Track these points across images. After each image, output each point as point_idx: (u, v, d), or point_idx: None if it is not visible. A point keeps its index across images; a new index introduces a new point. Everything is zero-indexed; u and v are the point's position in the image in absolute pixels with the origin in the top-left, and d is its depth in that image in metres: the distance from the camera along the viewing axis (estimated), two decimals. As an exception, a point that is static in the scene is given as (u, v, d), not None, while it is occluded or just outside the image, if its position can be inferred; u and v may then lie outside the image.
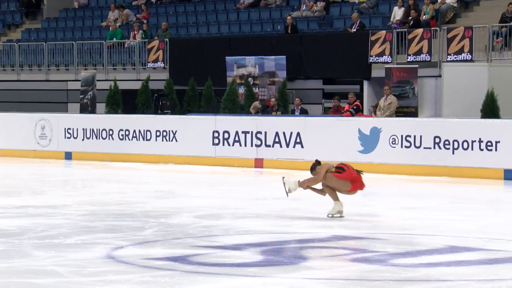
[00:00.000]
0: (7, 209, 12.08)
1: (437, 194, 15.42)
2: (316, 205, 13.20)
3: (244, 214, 11.86)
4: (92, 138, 21.86)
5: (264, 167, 19.40)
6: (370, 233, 10.28)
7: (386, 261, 8.42)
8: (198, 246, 9.32)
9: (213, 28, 27.46)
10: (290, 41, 24.35)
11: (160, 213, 11.78)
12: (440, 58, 21.89)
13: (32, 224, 10.53)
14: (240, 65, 24.31)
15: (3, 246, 9.04)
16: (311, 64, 23.69)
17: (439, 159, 17.54)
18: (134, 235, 9.89)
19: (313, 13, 26.02)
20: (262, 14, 27.37)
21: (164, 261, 8.30)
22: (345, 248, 9.29)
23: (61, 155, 22.11)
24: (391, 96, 20.74)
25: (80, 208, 12.26)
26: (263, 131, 19.50)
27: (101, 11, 31.41)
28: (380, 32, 22.62)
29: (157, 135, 20.93)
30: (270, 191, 15.74)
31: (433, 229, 10.81)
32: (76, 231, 10.07)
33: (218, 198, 14.25)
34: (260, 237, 9.89)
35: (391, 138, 18.01)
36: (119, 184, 16.59)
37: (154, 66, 26.33)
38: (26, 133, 22.66)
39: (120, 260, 8.37)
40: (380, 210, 12.82)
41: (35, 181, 17.29)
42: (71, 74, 28.28)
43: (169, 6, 30.07)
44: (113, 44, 27.69)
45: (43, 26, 31.76)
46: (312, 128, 18.98)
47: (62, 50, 28.61)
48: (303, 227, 10.78)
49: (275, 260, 8.46)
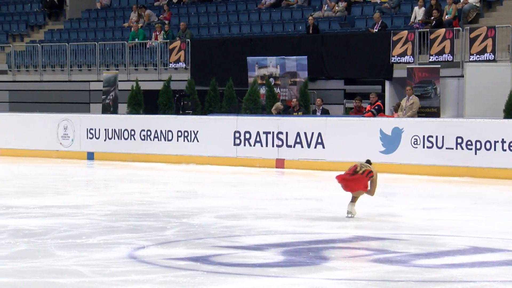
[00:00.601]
0: (30, 209, 12.15)
1: (459, 195, 15.35)
2: (337, 205, 13.17)
3: (265, 215, 11.85)
4: (114, 139, 21.94)
5: (285, 168, 19.39)
6: (392, 233, 10.26)
7: (408, 261, 8.40)
8: (220, 246, 9.34)
9: (235, 29, 27.47)
10: (312, 41, 24.32)
11: (182, 213, 11.81)
12: (463, 58, 21.78)
13: (55, 224, 10.58)
14: (261, 66, 24.30)
15: (26, 246, 9.09)
16: (333, 64, 23.64)
17: (461, 160, 17.46)
18: (156, 235, 9.92)
19: (335, 13, 25.98)
20: (283, 14, 27.35)
21: (186, 261, 8.30)
22: (367, 248, 9.27)
23: (83, 155, 22.21)
24: (413, 96, 20.67)
25: (102, 208, 12.31)
26: (284, 132, 19.49)
27: (123, 12, 31.52)
28: (402, 32, 22.54)
29: (179, 136, 20.97)
30: (292, 191, 15.76)
31: (455, 229, 10.77)
32: (98, 231, 10.12)
33: (240, 198, 14.26)
34: (281, 238, 9.88)
35: (413, 139, 17.95)
36: (141, 184, 16.64)
37: (175, 66, 26.39)
38: (49, 134, 22.78)
39: (142, 260, 8.40)
40: (402, 211, 12.77)
41: (58, 181, 17.38)
42: (93, 74, 28.40)
43: (190, 6, 30.12)
44: (135, 44, 27.78)
45: (66, 27, 31.92)
46: (334, 128, 18.95)
47: (85, 51, 28.74)
48: (325, 227, 10.77)
49: (297, 261, 8.45)
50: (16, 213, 11.70)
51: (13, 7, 35.06)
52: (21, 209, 12.12)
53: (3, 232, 9.92)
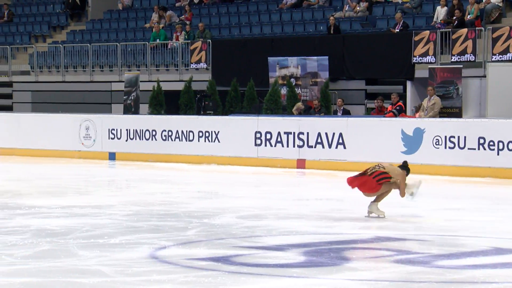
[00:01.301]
0: (52, 209, 12.20)
1: (481, 195, 15.26)
2: (359, 206, 13.15)
3: (286, 215, 11.84)
4: (135, 139, 22.02)
5: (306, 168, 19.38)
6: (414, 234, 10.21)
7: (430, 262, 8.36)
8: (241, 246, 9.34)
9: (256, 29, 27.48)
10: (333, 41, 24.28)
11: (203, 213, 11.83)
12: (485, 58, 21.67)
13: (77, 224, 10.62)
14: (282, 66, 24.29)
15: (49, 245, 9.13)
16: (354, 64, 23.60)
17: (484, 160, 17.37)
18: (178, 235, 9.94)
19: (356, 14, 25.93)
20: (304, 14, 27.33)
21: (207, 262, 8.31)
22: (388, 249, 9.22)
23: (105, 156, 22.30)
24: (434, 96, 20.59)
25: (124, 208, 12.35)
26: (305, 132, 19.47)
27: (145, 13, 31.62)
28: (424, 32, 22.46)
29: (200, 136, 21.02)
30: (313, 191, 15.74)
31: (478, 230, 10.72)
32: (120, 231, 10.14)
33: (261, 199, 14.26)
34: (303, 238, 9.87)
35: (434, 139, 17.88)
36: (163, 185, 16.67)
37: (196, 67, 26.44)
38: (71, 134, 22.90)
39: (164, 260, 8.41)
40: (424, 211, 12.70)
41: (80, 182, 17.46)
42: (115, 75, 28.51)
43: (211, 7, 30.16)
44: (156, 45, 27.86)
45: (88, 28, 32.07)
46: (355, 128, 18.91)
47: (106, 52, 28.87)
48: (346, 228, 10.75)
49: (318, 261, 8.43)
50: (38, 213, 11.75)
51: (36, 8, 35.28)
52: (44, 209, 12.18)
53: (26, 232, 9.98)
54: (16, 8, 35.76)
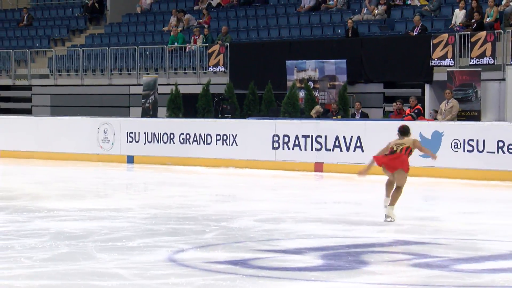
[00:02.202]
0: (71, 212, 12.26)
1: (501, 199, 15.19)
2: (377, 209, 13.11)
3: (305, 218, 11.84)
4: (153, 142, 22.06)
5: (324, 171, 19.34)
6: (432, 238, 10.18)
7: (449, 266, 8.34)
8: (259, 250, 9.34)
9: (274, 32, 27.48)
10: (351, 44, 24.23)
11: (221, 216, 11.84)
12: (504, 61, 21.56)
13: (96, 227, 10.66)
14: (300, 69, 24.28)
15: (68, 248, 9.17)
16: (372, 67, 23.54)
17: (503, 164, 17.28)
18: (196, 238, 9.95)
19: (374, 17, 25.87)
20: (322, 17, 27.30)
21: (225, 265, 8.34)
22: (406, 253, 9.21)
23: (123, 159, 22.36)
24: (452, 99, 20.51)
25: (142, 211, 12.39)
26: (323, 135, 19.45)
27: (163, 16, 31.69)
28: (443, 35, 22.38)
29: (218, 139, 21.03)
30: (331, 195, 15.72)
31: (497, 234, 10.66)
32: (139, 234, 10.17)
33: (279, 202, 14.25)
34: (321, 241, 9.87)
35: (453, 142, 17.80)
36: (181, 188, 16.70)
37: (214, 70, 26.47)
38: (89, 137, 22.99)
39: (182, 263, 8.43)
40: (442, 215, 12.68)
41: (98, 185, 17.52)
42: (133, 78, 28.60)
43: (229, 10, 30.20)
44: (175, 48, 27.92)
45: (106, 31, 32.18)
46: (373, 132, 18.87)
47: (125, 55, 28.96)
48: (364, 231, 10.73)
49: (336, 265, 8.43)
50: (57, 216, 11.80)
51: (55, 12, 35.45)
52: (63, 212, 12.23)
53: (45, 235, 10.03)
54: (36, 12, 35.95)
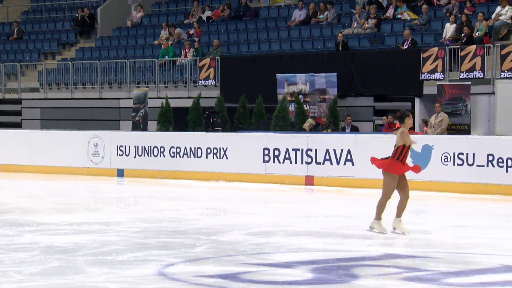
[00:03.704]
0: (61, 226, 12.22)
1: (490, 213, 15.21)
2: (367, 223, 13.11)
3: (295, 232, 11.82)
4: (144, 156, 22.03)
5: (314, 185, 19.34)
6: (423, 251, 10.18)
7: (439, 280, 8.33)
8: (249, 263, 9.33)
9: (264, 46, 27.55)
10: (341, 58, 24.31)
11: (212, 230, 11.81)
12: (494, 75, 21.65)
13: (86, 241, 10.63)
14: (290, 83, 24.32)
15: (57, 262, 9.14)
16: (362, 81, 23.61)
17: (492, 177, 17.32)
18: (186, 252, 9.94)
19: (364, 30, 25.97)
20: (313, 31, 27.39)
21: (215, 279, 8.32)
22: (397, 266, 9.21)
23: (113, 172, 22.31)
24: (442, 113, 20.58)
25: (133, 225, 12.36)
26: (313, 149, 19.46)
27: (154, 30, 31.73)
28: (432, 49, 22.47)
29: (208, 153, 21.02)
30: (321, 208, 15.71)
31: (487, 248, 10.67)
32: (129, 248, 10.15)
33: (270, 216, 14.24)
34: (311, 255, 9.87)
35: (443, 156, 17.84)
36: (171, 201, 16.67)
37: (205, 83, 26.50)
38: (79, 151, 22.93)
39: (172, 277, 8.41)
40: (432, 228, 12.68)
41: (88, 198, 17.47)
42: (123, 92, 28.59)
43: (220, 24, 30.26)
44: (165, 62, 27.94)
45: (97, 45, 32.19)
46: (363, 145, 18.89)
47: (115, 68, 28.97)
48: (355, 245, 10.73)
49: (327, 278, 8.42)
50: (47, 230, 11.77)
51: (45, 25, 35.45)
52: (52, 225, 12.19)
53: (35, 249, 10.00)
54: (26, 25, 35.94)
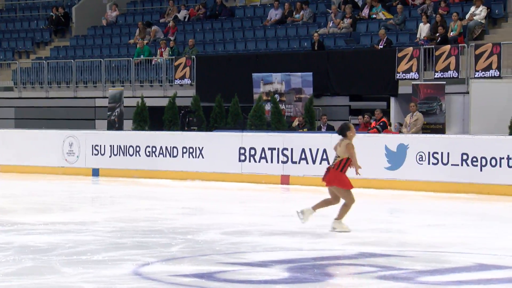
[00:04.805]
0: (36, 225, 12.14)
1: (465, 212, 15.31)
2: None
3: (271, 231, 11.83)
4: (119, 155, 21.95)
5: (290, 184, 19.37)
6: (398, 250, 10.22)
7: (414, 278, 8.37)
8: (225, 262, 9.33)
9: (240, 45, 27.54)
10: (317, 57, 24.35)
11: (188, 229, 11.80)
12: (468, 75, 21.79)
13: (60, 241, 10.57)
14: (266, 82, 24.34)
15: (32, 262, 9.09)
16: (338, 80, 23.66)
17: (467, 176, 17.43)
18: (162, 251, 9.91)
19: (340, 30, 26.03)
20: (288, 31, 27.42)
21: (191, 278, 8.30)
22: (372, 265, 9.23)
23: (89, 172, 22.21)
24: (417, 112, 20.67)
25: (108, 224, 12.32)
26: (289, 148, 19.48)
27: (129, 29, 31.62)
28: (407, 48, 22.57)
29: (184, 152, 20.98)
30: (297, 207, 15.71)
31: (462, 246, 10.73)
32: (104, 248, 10.11)
33: (246, 215, 14.24)
34: (287, 254, 9.88)
35: (418, 155, 17.92)
36: (147, 201, 16.62)
37: (181, 83, 26.45)
38: (54, 150, 22.80)
39: (148, 277, 8.39)
40: (407, 227, 12.73)
41: (63, 198, 17.37)
42: (99, 91, 28.47)
43: (196, 23, 30.21)
44: (141, 61, 27.85)
45: (72, 44, 32.03)
46: (339, 144, 18.89)
47: (90, 68, 28.84)
48: (330, 244, 10.76)
49: (302, 277, 8.42)
50: (22, 230, 11.69)
51: (19, 24, 35.21)
52: (27, 225, 12.12)
53: (9, 249, 9.93)
54: (0, 24, 35.68)
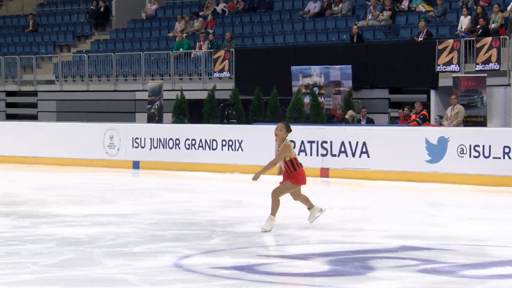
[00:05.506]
0: (77, 217, 12.23)
1: (507, 205, 15.13)
2: (383, 215, 13.08)
3: (311, 224, 11.77)
4: (159, 148, 22.03)
5: (330, 177, 19.29)
6: (439, 243, 10.12)
7: (456, 272, 8.31)
8: (265, 255, 9.32)
9: (279, 38, 27.48)
10: (356, 50, 24.22)
11: (227, 222, 11.81)
12: (510, 67, 21.53)
13: (101, 233, 10.64)
14: (305, 75, 24.27)
15: (73, 254, 9.15)
16: (377, 73, 23.51)
17: (509, 169, 17.21)
18: (201, 244, 9.92)
19: (379, 22, 25.87)
20: (327, 23, 27.30)
21: (230, 270, 8.31)
22: (413, 258, 9.14)
23: (129, 164, 22.32)
24: (458, 105, 20.48)
25: (148, 217, 12.35)
26: (328, 141, 19.40)
27: (168, 22, 31.72)
28: (448, 40, 22.36)
29: (223, 145, 20.99)
30: (337, 200, 15.66)
31: (503, 240, 10.62)
32: (144, 240, 10.15)
33: (285, 208, 14.16)
34: (327, 247, 9.84)
35: (459, 148, 17.75)
36: (186, 194, 16.67)
37: (220, 76, 26.48)
38: (95, 143, 22.94)
39: (188, 269, 8.41)
40: (448, 221, 12.60)
41: (104, 190, 17.48)
42: (138, 84, 28.61)
43: (234, 16, 30.21)
44: (180, 54, 27.93)
45: (112, 37, 32.21)
46: (378, 137, 18.82)
47: (130, 61, 28.98)
48: (371, 237, 10.70)
49: (343, 270, 8.39)
50: (63, 222, 11.78)
51: (60, 18, 35.49)
52: (68, 217, 12.20)
53: (51, 241, 10.02)
54: (41, 18, 36.00)
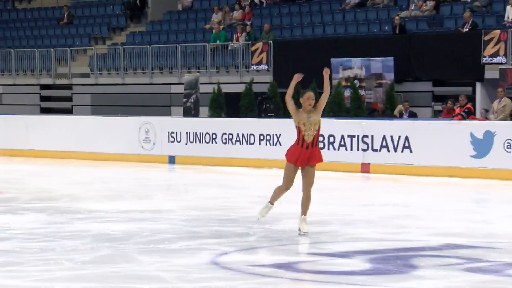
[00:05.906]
0: (112, 213, 12.14)
1: (555, 201, 14.75)
2: (426, 212, 12.82)
3: (352, 221, 11.64)
4: (195, 142, 21.83)
5: (371, 172, 18.95)
6: (484, 241, 9.95)
7: (503, 271, 8.15)
8: (305, 253, 9.29)
9: (318, 29, 27.18)
10: (398, 42, 23.92)
11: (265, 218, 11.53)
12: (557, 58, 21.09)
13: (137, 229, 10.55)
14: (346, 67, 24.00)
15: (108, 250, 9.08)
16: (420, 65, 23.20)
17: (557, 164, 16.78)
18: (239, 241, 9.81)
19: (423, 13, 25.49)
20: (368, 14, 26.95)
21: (269, 268, 8.21)
22: (458, 257, 8.95)
23: (165, 159, 22.17)
24: (505, 98, 20.15)
25: (184, 213, 12.26)
26: (369, 135, 19.04)
27: (205, 14, 31.54)
28: (494, 31, 21.96)
29: (261, 139, 20.73)
30: (378, 196, 15.44)
31: (554, 238, 10.31)
32: (180, 236, 10.06)
33: (325, 204, 13.93)
34: (368, 245, 9.66)
35: (506, 142, 17.31)
36: (223, 189, 16.53)
37: (257, 68, 26.23)
38: (130, 137, 22.81)
39: (225, 267, 8.31)
40: (494, 218, 12.39)
41: (139, 185, 17.37)
42: (174, 77, 28.47)
43: (273, 7, 29.95)
44: (217, 46, 27.73)
45: (147, 29, 32.13)
46: (421, 132, 18.44)
47: (166, 53, 28.85)
48: (413, 234, 10.54)
49: (384, 269, 8.23)
50: (98, 218, 11.71)
51: (95, 10, 35.52)
52: (103, 213, 12.14)
53: (86, 237, 9.94)
54: (76, 9, 36.03)
